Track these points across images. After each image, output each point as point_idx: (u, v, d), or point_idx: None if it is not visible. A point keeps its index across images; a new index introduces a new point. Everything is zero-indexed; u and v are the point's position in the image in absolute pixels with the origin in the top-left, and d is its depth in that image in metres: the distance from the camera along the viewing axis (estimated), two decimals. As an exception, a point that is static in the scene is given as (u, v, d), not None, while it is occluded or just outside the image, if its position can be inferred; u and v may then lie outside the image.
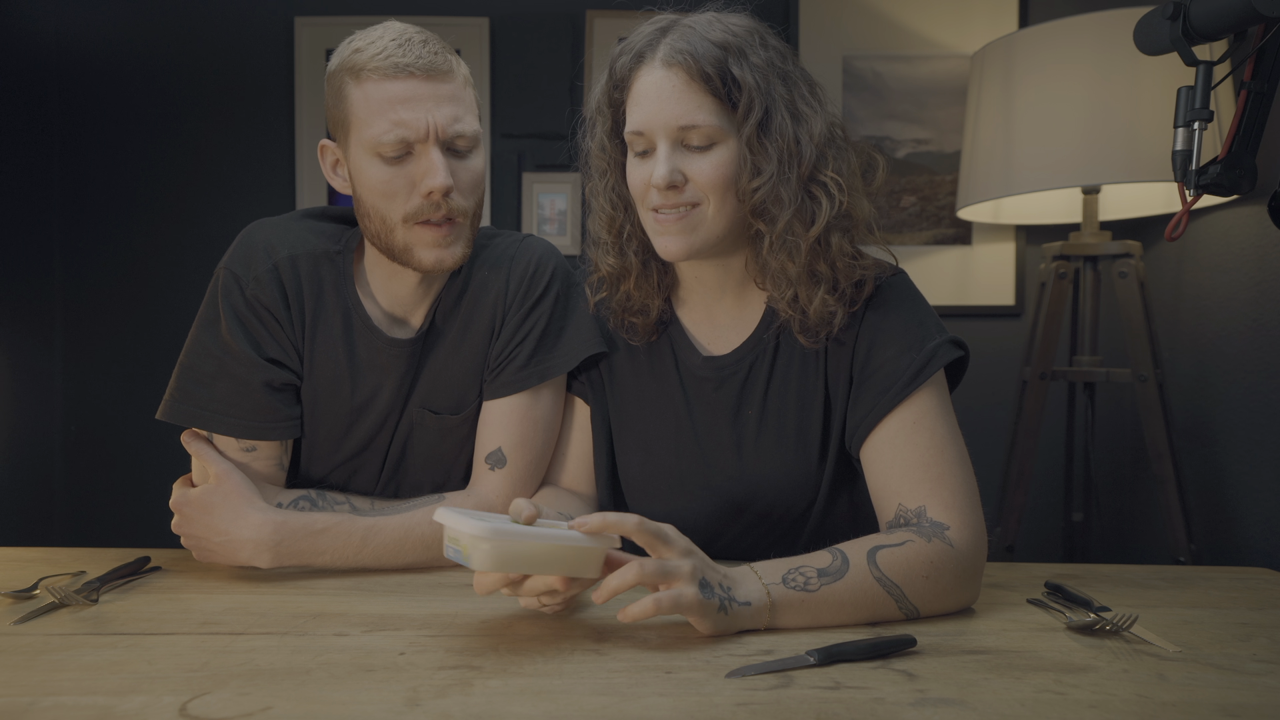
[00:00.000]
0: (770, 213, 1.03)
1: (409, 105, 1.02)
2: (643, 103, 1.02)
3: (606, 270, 1.15)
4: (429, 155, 1.03)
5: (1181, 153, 1.08)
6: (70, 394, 2.32)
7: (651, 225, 1.06)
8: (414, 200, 1.04)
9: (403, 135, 1.02)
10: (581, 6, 2.29)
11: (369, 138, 1.03)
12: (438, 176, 1.02)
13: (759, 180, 1.01)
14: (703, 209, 1.03)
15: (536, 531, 0.82)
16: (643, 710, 0.69)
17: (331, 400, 1.13)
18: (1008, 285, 2.26)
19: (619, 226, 1.13)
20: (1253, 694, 0.74)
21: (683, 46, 1.00)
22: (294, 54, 2.28)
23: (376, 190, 1.05)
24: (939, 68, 2.25)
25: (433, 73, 1.03)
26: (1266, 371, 1.66)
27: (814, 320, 1.05)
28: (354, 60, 1.03)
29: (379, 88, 1.02)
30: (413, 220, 1.05)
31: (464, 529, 0.80)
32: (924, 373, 1.01)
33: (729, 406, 1.13)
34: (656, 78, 1.01)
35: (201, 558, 1.07)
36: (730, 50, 1.00)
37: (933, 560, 0.92)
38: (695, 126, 1.00)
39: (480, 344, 1.16)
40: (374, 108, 1.02)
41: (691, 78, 0.99)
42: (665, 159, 1.01)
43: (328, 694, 0.71)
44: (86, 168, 2.30)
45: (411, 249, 1.07)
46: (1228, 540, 1.77)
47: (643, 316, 1.15)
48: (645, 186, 1.04)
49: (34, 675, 0.74)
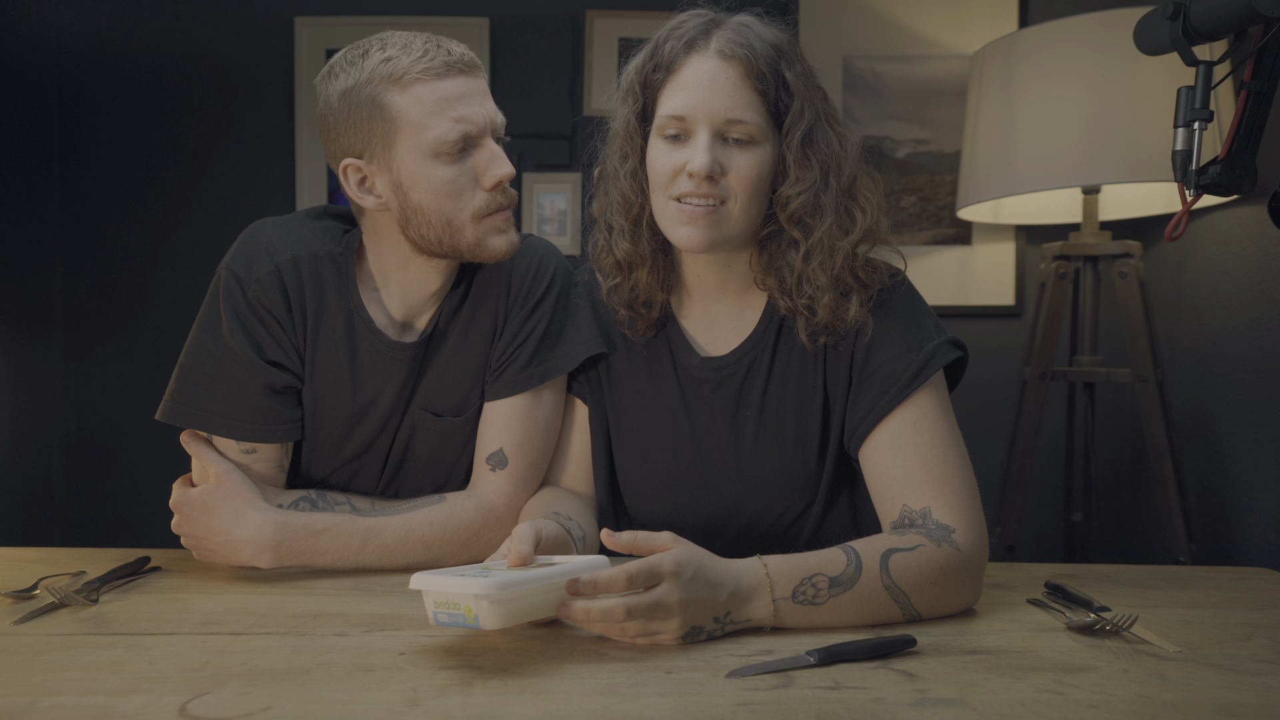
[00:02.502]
0: (807, 221, 1.04)
1: (466, 101, 1.03)
2: (690, 88, 1.01)
3: (621, 255, 1.12)
4: (490, 147, 1.05)
5: (1181, 153, 1.08)
6: (70, 394, 2.32)
7: (673, 213, 1.04)
8: (479, 195, 1.05)
9: (466, 130, 1.02)
10: (581, 6, 2.29)
11: (429, 140, 1.01)
12: (505, 165, 1.05)
13: (800, 187, 1.03)
14: (729, 207, 1.03)
15: (535, 575, 0.80)
16: (643, 710, 0.69)
17: (332, 403, 1.13)
18: (1008, 285, 2.25)
19: (636, 213, 1.11)
20: (1253, 694, 0.74)
21: (741, 41, 1.01)
22: (294, 54, 2.28)
23: (442, 192, 1.04)
24: (939, 68, 2.25)
25: (475, 68, 1.05)
26: (1266, 371, 1.66)
27: (847, 327, 1.06)
28: (390, 69, 1.00)
29: (431, 89, 1.01)
30: (482, 214, 1.06)
31: (464, 590, 0.76)
32: (923, 373, 1.01)
33: (727, 407, 1.13)
34: (711, 66, 1.01)
35: (202, 558, 1.07)
36: (783, 54, 1.02)
37: (942, 567, 0.92)
38: (742, 121, 1.00)
39: (482, 345, 1.16)
40: (430, 109, 1.01)
41: (747, 74, 1.00)
42: (707, 148, 1.00)
43: (328, 694, 0.71)
44: (86, 168, 2.30)
45: (483, 241, 1.07)
46: (1228, 540, 1.77)
47: (647, 310, 1.14)
48: (674, 173, 1.03)
49: (34, 675, 0.74)
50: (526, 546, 0.87)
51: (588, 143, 1.19)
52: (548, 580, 0.80)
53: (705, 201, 1.02)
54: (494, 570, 0.83)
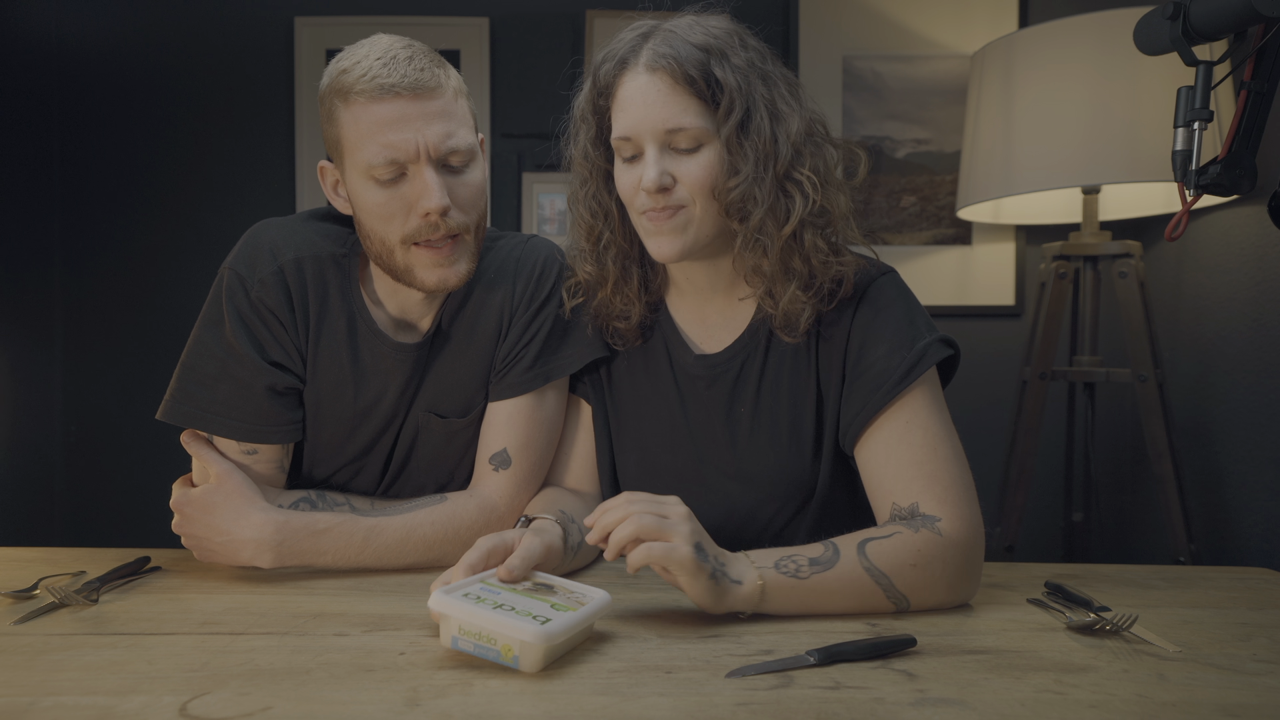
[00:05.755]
0: (745, 211, 1.04)
1: (397, 127, 1.00)
2: (629, 108, 1.03)
3: (584, 277, 1.16)
4: (423, 176, 1.02)
5: (1181, 153, 1.08)
6: (70, 394, 2.32)
7: (644, 227, 1.07)
8: (412, 221, 1.03)
9: (393, 157, 1.00)
10: (581, 6, 2.29)
11: (361, 161, 1.02)
12: (433, 198, 1.01)
13: (735, 180, 1.02)
14: (690, 210, 1.04)
15: (574, 620, 0.80)
16: (643, 710, 0.69)
17: (335, 404, 1.13)
18: (1008, 285, 2.26)
19: (597, 234, 1.14)
20: (1253, 694, 0.74)
21: (665, 50, 1.01)
22: (294, 54, 2.28)
23: (373, 213, 1.04)
24: (939, 68, 2.25)
25: (419, 90, 1.01)
26: (1266, 371, 1.66)
27: (780, 317, 1.07)
28: (341, 82, 1.02)
29: (366, 111, 1.00)
30: (411, 241, 1.04)
31: (508, 633, 0.75)
32: (915, 371, 1.02)
33: (722, 404, 1.13)
34: (641, 83, 1.02)
35: (203, 558, 1.07)
36: (712, 52, 1.01)
37: (920, 549, 0.93)
38: (682, 129, 1.01)
39: (487, 346, 1.16)
40: (363, 131, 1.01)
41: (676, 81, 1.00)
42: (654, 162, 1.02)
43: (328, 694, 0.71)
44: (86, 168, 2.30)
45: (413, 270, 1.06)
46: (1228, 540, 1.77)
47: (624, 322, 1.16)
48: (634, 190, 1.05)
49: (34, 675, 0.74)
50: (518, 562, 0.89)
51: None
52: (581, 623, 0.81)
53: (665, 211, 1.04)
54: (506, 594, 0.83)
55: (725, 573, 0.88)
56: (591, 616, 0.83)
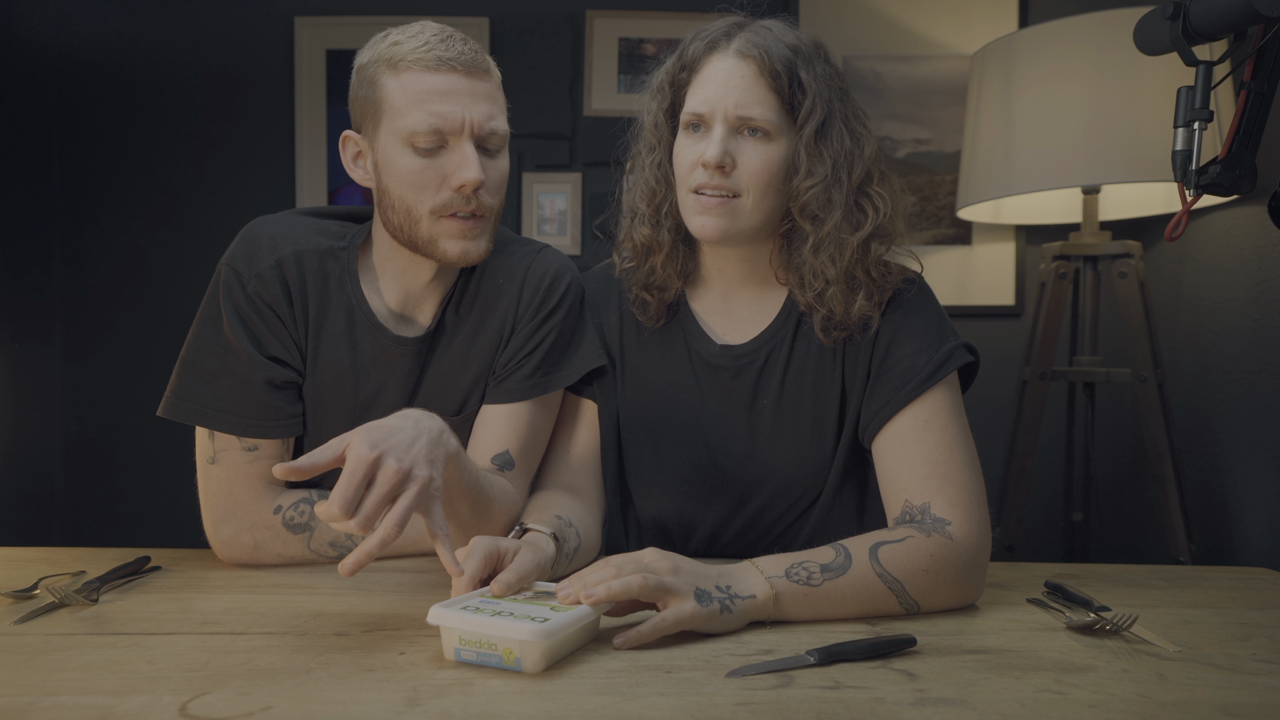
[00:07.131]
0: (818, 214, 1.07)
1: (447, 98, 1.03)
2: (709, 84, 1.06)
3: (640, 240, 1.17)
4: (463, 149, 1.04)
5: (1181, 153, 1.08)
6: (70, 394, 2.32)
7: (691, 205, 1.08)
8: (443, 193, 1.05)
9: (438, 126, 1.03)
10: (581, 6, 2.29)
11: (404, 127, 1.03)
12: (471, 170, 1.03)
13: (811, 180, 1.06)
14: (742, 201, 1.07)
15: (573, 618, 0.80)
16: (643, 710, 0.69)
17: (335, 398, 1.13)
18: (1008, 285, 2.26)
19: (659, 201, 1.16)
20: (1253, 694, 0.74)
21: (758, 41, 1.05)
22: (294, 54, 2.28)
23: (406, 180, 1.05)
24: (939, 68, 2.25)
25: (474, 70, 1.05)
26: (1266, 371, 1.66)
27: (854, 321, 1.09)
28: (393, 52, 1.04)
29: (419, 79, 1.03)
30: (440, 213, 1.06)
31: (508, 635, 0.76)
32: (941, 371, 1.05)
33: (745, 395, 1.14)
34: (728, 64, 1.06)
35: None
36: (800, 55, 1.06)
37: (933, 554, 0.93)
38: (755, 118, 1.04)
39: (488, 349, 1.16)
40: (411, 98, 1.03)
41: (761, 72, 1.04)
42: (720, 140, 1.05)
43: (328, 694, 0.71)
44: (86, 168, 2.30)
45: (437, 240, 1.07)
46: (1228, 540, 1.77)
47: (660, 294, 1.17)
48: (693, 164, 1.07)
49: (34, 675, 0.74)
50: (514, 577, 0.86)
51: (605, 141, 1.21)
52: (579, 623, 0.81)
53: (718, 193, 1.06)
54: (505, 603, 0.83)
55: (734, 595, 0.87)
56: (591, 615, 0.82)
